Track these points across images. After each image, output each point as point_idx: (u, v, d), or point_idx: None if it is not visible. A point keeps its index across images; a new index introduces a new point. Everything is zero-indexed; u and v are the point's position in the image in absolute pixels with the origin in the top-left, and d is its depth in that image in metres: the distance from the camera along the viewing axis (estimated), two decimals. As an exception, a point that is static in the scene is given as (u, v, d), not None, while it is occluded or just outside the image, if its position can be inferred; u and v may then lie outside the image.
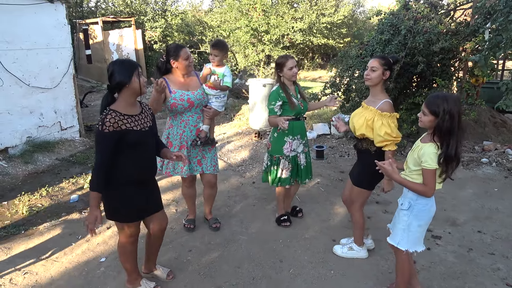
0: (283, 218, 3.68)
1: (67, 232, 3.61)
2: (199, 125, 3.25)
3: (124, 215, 2.42)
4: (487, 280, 2.84)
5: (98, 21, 11.80)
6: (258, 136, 6.71)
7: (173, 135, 3.22)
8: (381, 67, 2.72)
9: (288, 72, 3.28)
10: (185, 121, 3.20)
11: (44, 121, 5.90)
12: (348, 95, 5.92)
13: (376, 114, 2.72)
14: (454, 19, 6.11)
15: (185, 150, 3.20)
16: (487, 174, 4.89)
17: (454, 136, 2.10)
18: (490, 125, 6.51)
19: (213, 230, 3.58)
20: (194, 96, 3.15)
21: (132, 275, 2.66)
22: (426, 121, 2.19)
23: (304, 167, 3.54)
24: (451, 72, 5.41)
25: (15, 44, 5.35)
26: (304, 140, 3.49)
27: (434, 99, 2.15)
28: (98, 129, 2.19)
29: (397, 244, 2.43)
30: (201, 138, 3.24)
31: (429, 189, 2.19)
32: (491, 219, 3.77)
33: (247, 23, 10.10)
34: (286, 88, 3.33)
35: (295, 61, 3.35)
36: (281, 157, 3.45)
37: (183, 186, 3.51)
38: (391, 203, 4.16)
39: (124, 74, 2.25)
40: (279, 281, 2.87)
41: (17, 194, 4.34)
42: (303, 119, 3.49)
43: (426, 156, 2.15)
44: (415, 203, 2.32)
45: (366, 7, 23.66)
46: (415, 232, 2.36)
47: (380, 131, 2.68)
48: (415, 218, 2.33)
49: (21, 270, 3.02)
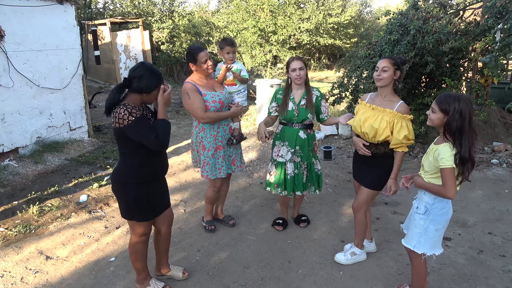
0: (277, 221, 3.64)
1: (77, 231, 3.64)
2: (230, 124, 3.28)
3: (141, 214, 2.45)
4: (498, 283, 2.81)
5: (106, 22, 11.88)
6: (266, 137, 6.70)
7: (206, 138, 3.20)
8: (392, 67, 2.66)
9: (291, 74, 3.16)
10: (218, 121, 3.20)
11: (54, 122, 5.96)
12: (356, 95, 5.88)
13: (396, 116, 2.62)
14: (464, 19, 6.05)
15: (222, 151, 3.23)
16: (497, 175, 4.84)
17: (466, 137, 2.07)
18: (500, 126, 6.44)
19: (230, 226, 3.64)
20: (223, 95, 3.20)
21: (141, 274, 2.68)
22: (434, 118, 2.17)
23: (292, 178, 3.29)
24: (460, 72, 5.36)
25: (25, 45, 5.41)
26: (293, 149, 3.25)
27: (445, 98, 2.13)
28: (130, 120, 2.17)
29: (413, 247, 2.38)
30: (235, 136, 3.28)
31: (450, 189, 2.10)
32: (501, 221, 3.73)
33: (254, 24, 10.09)
34: (288, 90, 3.25)
35: (301, 63, 3.13)
36: (271, 159, 3.43)
37: (211, 191, 3.42)
38: (400, 204, 4.14)
39: (151, 83, 2.28)
40: (288, 282, 2.87)
41: (27, 194, 4.38)
42: (298, 127, 3.23)
43: (442, 156, 2.11)
44: (431, 207, 2.28)
45: (373, 7, 23.56)
46: (433, 236, 2.33)
47: (400, 134, 2.60)
48: (432, 222, 2.29)
49: (32, 269, 3.05)
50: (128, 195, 2.38)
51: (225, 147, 3.26)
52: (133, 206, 2.41)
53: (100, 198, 4.37)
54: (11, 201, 4.25)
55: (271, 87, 7.17)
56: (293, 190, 3.35)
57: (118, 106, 2.23)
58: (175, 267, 2.91)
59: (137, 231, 2.51)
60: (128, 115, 2.18)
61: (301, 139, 3.24)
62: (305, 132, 3.26)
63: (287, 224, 3.66)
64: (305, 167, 3.32)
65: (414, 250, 2.38)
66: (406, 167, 5.24)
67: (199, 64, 3.07)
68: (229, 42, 3.40)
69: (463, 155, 2.07)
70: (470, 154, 2.08)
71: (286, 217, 3.69)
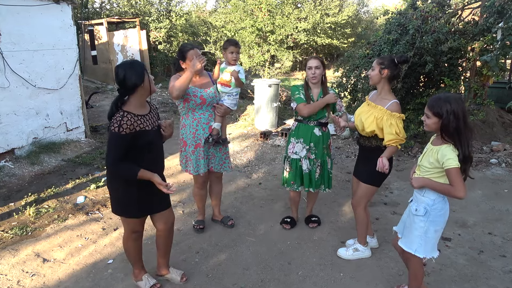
0: (286, 219, 3.66)
1: (74, 233, 3.60)
2: (211, 123, 3.29)
3: (129, 211, 2.50)
4: (499, 283, 2.79)
5: (103, 21, 11.82)
6: (264, 137, 6.69)
7: (186, 135, 3.28)
8: (377, 66, 2.79)
9: (307, 72, 3.24)
10: (197, 119, 3.24)
11: (50, 122, 5.91)
12: (354, 95, 5.88)
13: (386, 114, 2.75)
14: (462, 19, 6.05)
15: (201, 149, 3.26)
16: (496, 175, 4.83)
17: (463, 135, 2.07)
18: (498, 125, 6.44)
19: (229, 227, 3.64)
20: (206, 94, 3.23)
21: (135, 268, 2.77)
22: (430, 123, 2.17)
23: (306, 174, 3.36)
24: (459, 72, 5.36)
25: (21, 45, 5.35)
26: (308, 146, 3.31)
27: (435, 101, 2.12)
28: (114, 130, 2.22)
29: (414, 251, 2.36)
30: (213, 135, 3.28)
31: (461, 189, 2.08)
32: (501, 221, 3.72)
33: (252, 23, 10.07)
34: (307, 88, 3.29)
35: (317, 61, 3.19)
36: (286, 156, 3.46)
37: (195, 187, 3.53)
38: (399, 204, 4.12)
39: (137, 75, 2.28)
40: (287, 284, 2.84)
41: (24, 195, 4.34)
42: (313, 124, 3.29)
43: (448, 156, 2.09)
44: (431, 208, 2.26)
45: (370, 7, 23.58)
46: (432, 238, 2.32)
47: (390, 132, 2.73)
48: (432, 223, 2.28)
49: (29, 272, 3.01)
50: (118, 191, 2.45)
51: (203, 146, 3.28)
52: (122, 202, 2.47)
53: (98, 200, 4.33)
54: (7, 203, 4.20)
55: (269, 87, 7.15)
56: (308, 186, 3.41)
57: (118, 112, 2.29)
58: (175, 270, 2.88)
59: (127, 227, 2.59)
60: (117, 126, 2.22)
61: (316, 136, 3.30)
62: (320, 130, 3.31)
63: (295, 223, 3.67)
64: (318, 164, 3.36)
65: (416, 254, 2.35)
66: (405, 167, 5.23)
67: (188, 62, 3.10)
68: (232, 42, 3.43)
69: (464, 154, 2.08)
70: (469, 152, 2.09)
71: (295, 217, 3.69)
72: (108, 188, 2.56)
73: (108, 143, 2.29)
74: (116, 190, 2.46)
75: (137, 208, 2.50)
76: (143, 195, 2.46)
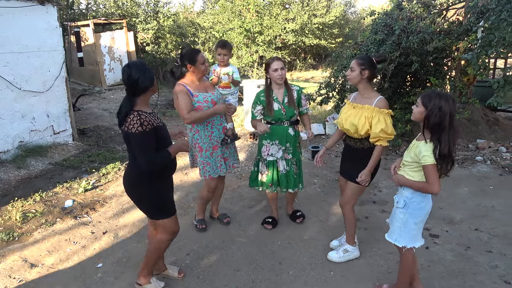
0: (267, 219, 3.68)
1: (63, 238, 3.55)
2: (224, 124, 3.36)
3: (165, 210, 2.52)
4: (486, 278, 2.85)
5: (89, 23, 11.68)
6: (253, 138, 6.70)
7: (201, 139, 3.27)
8: (358, 67, 2.78)
9: (273, 74, 3.23)
10: (211, 122, 3.26)
11: (37, 125, 5.82)
12: (342, 95, 5.92)
13: (374, 111, 2.75)
14: (447, 19, 6.15)
15: (219, 150, 3.31)
16: (482, 172, 4.92)
17: (445, 134, 2.11)
18: (483, 123, 6.56)
19: (225, 224, 3.68)
20: (215, 96, 3.27)
21: (147, 272, 2.69)
22: (416, 112, 2.23)
23: (284, 175, 3.39)
24: (444, 71, 5.45)
25: (5, 47, 5.27)
26: (284, 146, 3.34)
27: (429, 93, 2.19)
28: (137, 131, 2.23)
29: (394, 241, 2.47)
30: (229, 136, 3.34)
31: (434, 184, 2.16)
32: (487, 217, 3.80)
33: (240, 24, 10.09)
34: (270, 91, 3.31)
35: (281, 63, 3.24)
36: (261, 159, 3.47)
37: (205, 191, 3.48)
38: (388, 202, 4.17)
39: (150, 78, 2.34)
40: (279, 284, 2.85)
41: (9, 200, 4.26)
42: (287, 124, 3.32)
43: (423, 153, 2.16)
44: (410, 201, 2.35)
45: (358, 8, 23.79)
46: (412, 229, 2.40)
47: (376, 128, 2.72)
48: (411, 215, 2.37)
49: (16, 278, 2.96)
50: (144, 195, 2.44)
51: (221, 147, 3.34)
52: (154, 204, 2.47)
53: (86, 203, 4.28)
54: (-7, 208, 4.12)
55: (258, 88, 7.15)
56: (286, 187, 3.44)
57: (132, 113, 2.29)
58: (171, 266, 2.94)
59: (169, 229, 2.56)
60: (138, 126, 2.24)
61: (291, 135, 3.35)
62: (293, 129, 3.37)
63: (276, 223, 3.67)
64: (294, 163, 3.43)
65: (395, 243, 2.46)
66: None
67: (198, 65, 3.12)
68: (221, 43, 3.48)
69: (441, 152, 2.11)
70: (450, 152, 2.12)
71: (276, 216, 3.70)
72: (130, 195, 2.49)
73: (137, 147, 2.27)
74: (145, 193, 2.42)
75: (170, 204, 2.55)
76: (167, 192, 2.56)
